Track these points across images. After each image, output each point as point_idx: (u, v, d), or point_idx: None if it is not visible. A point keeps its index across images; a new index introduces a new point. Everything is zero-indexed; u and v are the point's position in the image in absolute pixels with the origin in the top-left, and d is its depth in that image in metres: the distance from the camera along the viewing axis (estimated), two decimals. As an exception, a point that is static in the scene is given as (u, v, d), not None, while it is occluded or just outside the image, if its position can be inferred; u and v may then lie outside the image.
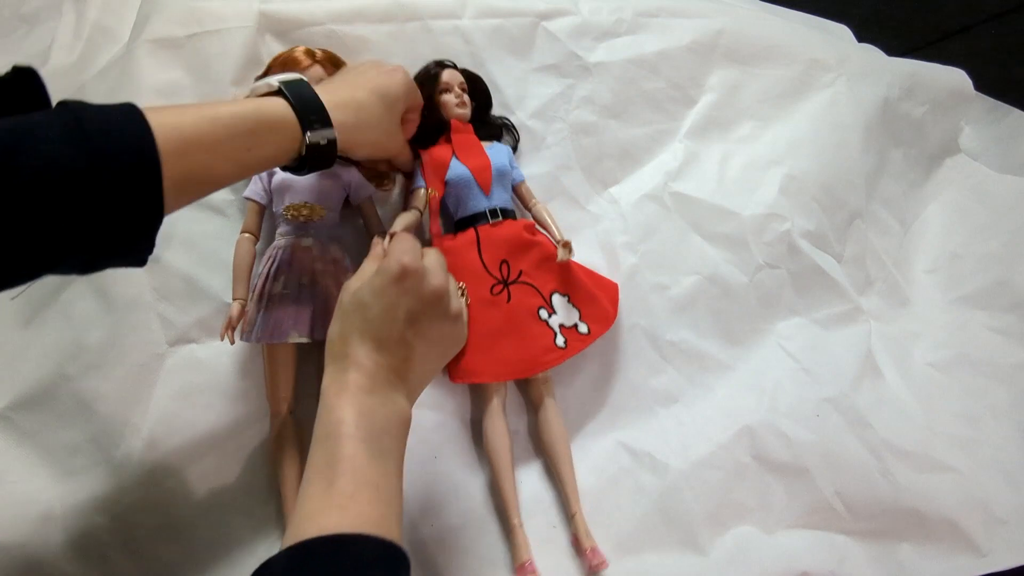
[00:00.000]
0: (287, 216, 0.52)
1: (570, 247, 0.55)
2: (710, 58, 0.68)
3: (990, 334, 0.70)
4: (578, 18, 0.65)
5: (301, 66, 0.53)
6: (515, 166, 0.60)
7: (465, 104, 0.58)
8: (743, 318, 0.63)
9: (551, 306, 0.56)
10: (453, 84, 0.58)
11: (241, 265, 0.52)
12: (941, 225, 0.78)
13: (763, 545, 0.55)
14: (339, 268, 0.53)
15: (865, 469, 0.57)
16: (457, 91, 0.58)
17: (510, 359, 0.55)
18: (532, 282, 0.56)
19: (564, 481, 0.54)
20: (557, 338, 0.56)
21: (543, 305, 0.56)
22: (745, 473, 0.56)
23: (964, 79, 0.81)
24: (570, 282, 0.57)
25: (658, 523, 0.55)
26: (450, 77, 0.58)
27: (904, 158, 0.78)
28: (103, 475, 0.51)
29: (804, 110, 0.70)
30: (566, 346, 0.56)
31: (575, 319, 0.57)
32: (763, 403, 0.59)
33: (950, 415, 0.63)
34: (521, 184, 0.60)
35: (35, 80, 0.33)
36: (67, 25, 0.65)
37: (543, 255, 0.57)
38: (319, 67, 0.54)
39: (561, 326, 0.56)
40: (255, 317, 0.50)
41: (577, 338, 0.56)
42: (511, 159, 0.60)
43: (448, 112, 0.58)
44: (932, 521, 0.56)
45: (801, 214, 0.65)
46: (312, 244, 0.52)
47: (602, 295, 0.58)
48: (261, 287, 0.51)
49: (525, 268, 0.56)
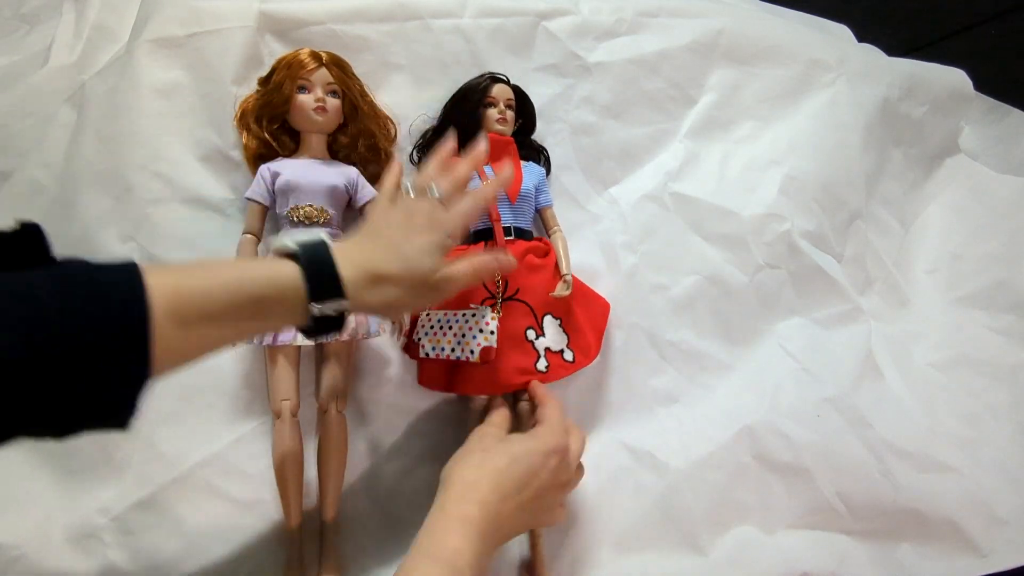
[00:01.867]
0: (293, 218, 0.52)
1: (569, 284, 0.55)
2: (710, 58, 0.68)
3: (990, 334, 0.70)
4: (578, 18, 0.65)
5: (307, 69, 0.53)
6: (545, 190, 0.60)
7: (506, 121, 0.58)
8: (743, 318, 0.63)
9: (541, 328, 0.55)
10: (500, 99, 0.58)
11: None
12: (941, 225, 0.78)
13: (763, 545, 0.55)
14: None
15: (865, 469, 0.57)
16: (502, 107, 0.58)
17: (481, 376, 0.53)
18: (527, 300, 0.55)
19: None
20: (540, 361, 0.53)
21: (532, 326, 0.54)
22: (745, 473, 0.56)
23: (964, 79, 0.81)
24: (567, 307, 0.56)
25: (658, 522, 0.55)
26: (499, 92, 0.58)
27: (904, 158, 0.78)
28: (103, 475, 0.51)
29: (804, 110, 0.70)
30: (547, 371, 0.53)
31: (563, 344, 0.55)
32: (763, 403, 0.59)
33: (950, 415, 0.63)
34: (547, 209, 0.60)
35: (38, 236, 0.32)
36: (67, 25, 0.65)
37: (546, 276, 0.56)
38: (325, 70, 0.54)
39: (547, 350, 0.54)
40: None
41: (560, 364, 0.54)
42: (542, 181, 0.60)
43: (488, 126, 0.58)
44: (932, 521, 0.56)
45: (801, 214, 0.65)
46: None
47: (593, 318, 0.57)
48: None
49: (523, 286, 0.55)
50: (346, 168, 0.56)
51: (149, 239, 0.54)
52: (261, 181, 0.54)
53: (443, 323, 0.54)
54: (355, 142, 0.57)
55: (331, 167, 0.55)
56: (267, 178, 0.54)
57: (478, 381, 0.53)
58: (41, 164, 0.58)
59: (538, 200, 0.59)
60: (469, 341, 0.51)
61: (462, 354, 0.52)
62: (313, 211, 0.53)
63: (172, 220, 0.55)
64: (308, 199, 0.53)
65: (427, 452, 0.57)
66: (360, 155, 0.58)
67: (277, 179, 0.53)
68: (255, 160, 0.56)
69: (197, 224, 0.55)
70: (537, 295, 0.55)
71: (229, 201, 0.56)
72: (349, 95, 0.56)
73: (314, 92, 0.54)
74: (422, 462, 0.57)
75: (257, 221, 0.54)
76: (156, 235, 0.54)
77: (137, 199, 0.54)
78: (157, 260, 0.54)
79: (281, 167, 0.54)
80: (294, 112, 0.54)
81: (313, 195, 0.53)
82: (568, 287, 0.55)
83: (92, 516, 0.50)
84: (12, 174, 0.59)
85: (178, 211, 0.55)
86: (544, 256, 0.57)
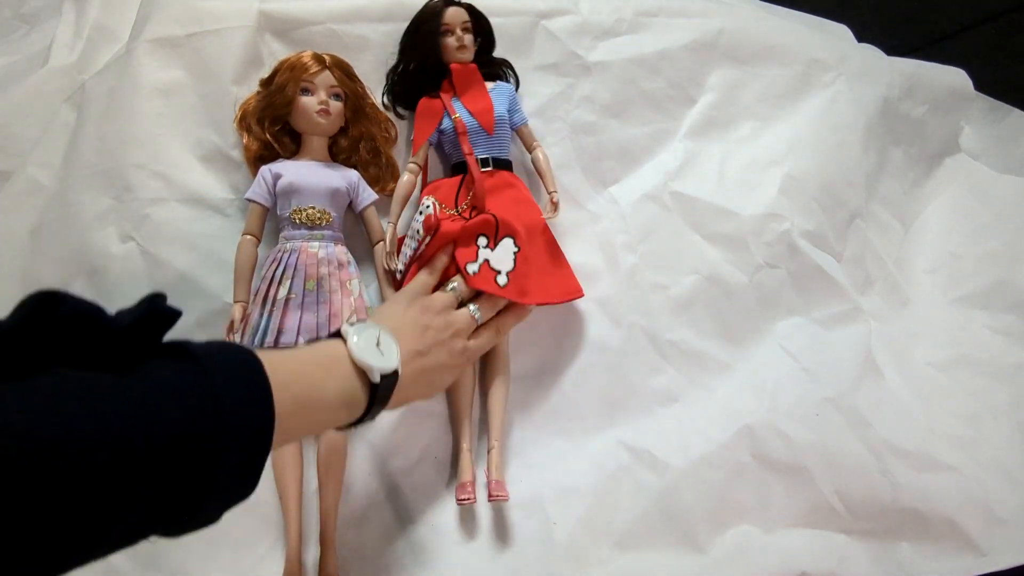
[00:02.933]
0: (295, 220, 0.52)
1: (557, 206, 0.56)
2: (710, 58, 0.68)
3: (990, 334, 0.70)
4: (578, 17, 0.65)
5: (310, 71, 0.53)
6: (517, 108, 0.60)
7: (466, 47, 0.57)
8: (743, 318, 0.63)
9: (495, 242, 0.53)
10: (455, 25, 0.57)
11: (243, 268, 0.53)
12: (941, 225, 0.78)
13: (763, 544, 0.55)
14: (344, 272, 0.53)
15: (865, 469, 0.57)
16: (459, 33, 0.57)
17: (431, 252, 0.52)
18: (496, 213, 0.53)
19: (492, 415, 0.55)
20: (472, 265, 0.51)
21: (488, 235, 0.53)
22: (745, 472, 0.56)
23: (964, 79, 0.81)
24: (533, 247, 0.55)
25: (658, 521, 0.55)
26: (452, 17, 0.57)
27: (904, 158, 0.78)
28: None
29: (804, 110, 0.70)
30: (474, 275, 0.51)
31: (504, 268, 0.52)
32: (763, 403, 0.58)
33: (950, 415, 0.63)
34: (523, 127, 0.60)
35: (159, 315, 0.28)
36: (67, 25, 0.65)
37: (524, 212, 0.56)
38: (329, 73, 0.54)
39: (486, 261, 0.52)
40: (259, 321, 0.50)
41: (489, 281, 0.51)
42: (512, 100, 0.59)
43: (448, 56, 0.57)
44: (932, 521, 0.56)
45: (801, 214, 0.65)
46: (319, 248, 0.52)
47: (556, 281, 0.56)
48: (265, 291, 0.51)
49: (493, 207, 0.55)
50: (347, 171, 0.56)
51: (149, 239, 0.54)
52: (262, 182, 0.54)
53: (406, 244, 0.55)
54: (356, 145, 0.57)
55: (332, 170, 0.55)
56: (268, 180, 0.54)
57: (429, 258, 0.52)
58: (41, 164, 0.58)
59: (512, 121, 0.59)
60: (416, 227, 0.53)
61: (415, 243, 0.53)
62: (315, 213, 0.53)
63: (172, 220, 0.55)
64: (310, 201, 0.53)
65: (427, 451, 0.57)
66: (361, 158, 0.58)
67: (279, 181, 0.53)
68: (255, 161, 0.56)
69: (197, 224, 0.55)
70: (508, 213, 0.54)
71: (229, 201, 0.56)
72: (352, 98, 0.56)
73: (317, 94, 0.54)
74: (422, 461, 0.57)
75: (257, 222, 0.54)
76: (156, 235, 0.54)
77: (137, 199, 0.54)
78: (157, 260, 0.54)
79: (283, 169, 0.54)
80: (297, 114, 0.54)
81: (315, 197, 0.53)
82: (555, 208, 0.56)
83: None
84: (12, 174, 0.59)
85: (178, 211, 0.55)
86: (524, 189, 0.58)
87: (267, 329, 0.50)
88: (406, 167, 0.58)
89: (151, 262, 0.54)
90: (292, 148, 0.56)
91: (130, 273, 0.53)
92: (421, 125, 0.57)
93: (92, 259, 0.54)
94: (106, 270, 0.54)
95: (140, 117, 0.55)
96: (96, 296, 0.53)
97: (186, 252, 0.55)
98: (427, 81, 0.58)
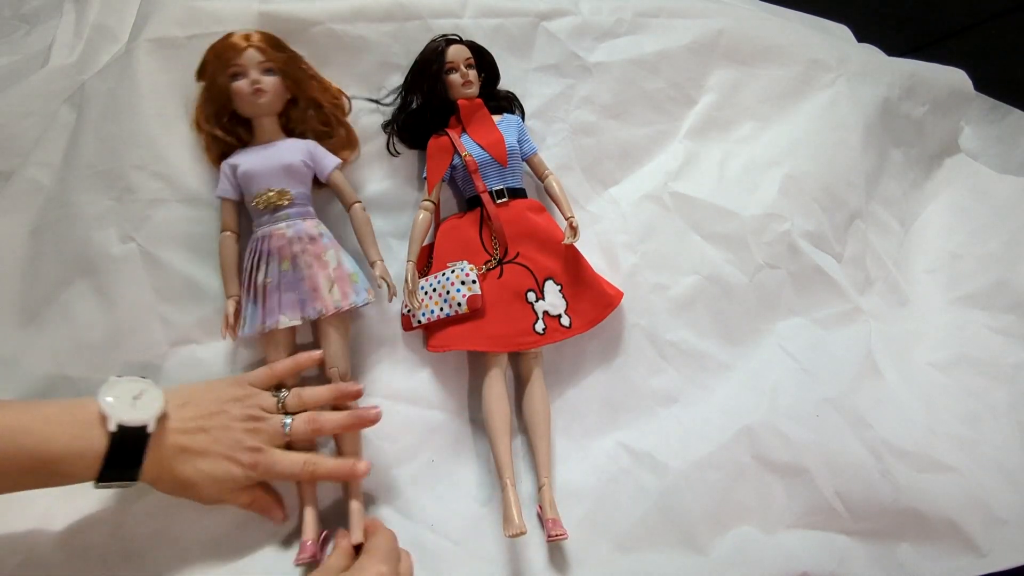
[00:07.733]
0: (258, 206, 0.52)
1: (577, 230, 0.56)
2: (710, 58, 0.68)
3: (990, 334, 0.70)
4: (578, 18, 0.65)
5: (235, 52, 0.52)
6: (526, 138, 0.60)
7: (471, 82, 0.58)
8: (743, 318, 0.63)
9: (541, 291, 0.56)
10: (459, 62, 0.58)
11: (228, 263, 0.53)
12: (941, 225, 0.78)
13: (763, 545, 0.55)
14: (317, 245, 0.53)
15: (865, 469, 0.57)
16: (463, 69, 0.58)
17: (487, 333, 0.55)
18: (528, 264, 0.57)
19: (538, 451, 0.55)
20: (537, 323, 0.56)
21: (533, 288, 0.56)
22: (745, 473, 0.56)
23: (964, 79, 0.81)
24: (568, 273, 0.57)
25: (658, 523, 0.55)
26: (455, 54, 0.58)
27: (904, 158, 0.78)
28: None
29: (804, 110, 0.70)
30: (544, 333, 0.55)
31: (560, 310, 0.56)
32: (763, 403, 0.58)
33: (950, 415, 0.63)
34: (534, 156, 0.60)
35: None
36: (67, 25, 0.65)
37: (547, 239, 0.57)
38: (254, 51, 0.52)
39: (545, 313, 0.56)
40: (247, 311, 0.52)
41: (557, 329, 0.56)
42: (521, 131, 0.60)
43: (454, 92, 0.58)
44: (932, 521, 0.56)
45: (801, 214, 0.65)
46: (286, 228, 0.52)
47: (596, 297, 0.58)
48: (248, 281, 0.52)
49: (524, 251, 0.57)
50: (301, 142, 0.55)
51: (149, 239, 0.54)
52: (224, 177, 0.53)
53: (427, 288, 0.56)
54: (304, 115, 0.55)
55: (284, 145, 0.54)
56: (229, 173, 0.53)
57: (489, 338, 0.55)
58: (41, 164, 0.58)
59: (523, 151, 0.60)
60: (455, 295, 0.54)
61: (451, 310, 0.54)
62: (274, 196, 0.52)
63: (172, 220, 0.55)
64: (266, 183, 0.52)
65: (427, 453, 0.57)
66: (313, 127, 0.56)
67: (237, 171, 0.53)
68: (220, 159, 0.55)
69: (197, 224, 0.55)
70: (538, 258, 0.57)
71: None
72: (286, 68, 0.54)
73: (249, 75, 0.52)
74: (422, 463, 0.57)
75: (232, 217, 0.54)
76: (156, 235, 0.54)
77: (137, 199, 0.54)
78: (157, 260, 0.54)
79: (238, 159, 0.53)
80: (236, 101, 0.53)
81: (270, 178, 0.52)
82: (576, 233, 0.56)
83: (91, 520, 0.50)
84: (12, 174, 0.59)
85: (178, 211, 0.55)
86: (540, 213, 0.58)
87: (254, 316, 0.52)
88: (420, 204, 0.58)
89: (151, 262, 0.54)
90: (248, 136, 0.55)
91: (130, 273, 0.53)
92: (433, 164, 0.58)
93: (92, 259, 0.54)
94: (106, 270, 0.54)
95: (140, 117, 0.55)
96: (96, 296, 0.53)
97: (186, 252, 0.54)
98: (434, 118, 0.59)
